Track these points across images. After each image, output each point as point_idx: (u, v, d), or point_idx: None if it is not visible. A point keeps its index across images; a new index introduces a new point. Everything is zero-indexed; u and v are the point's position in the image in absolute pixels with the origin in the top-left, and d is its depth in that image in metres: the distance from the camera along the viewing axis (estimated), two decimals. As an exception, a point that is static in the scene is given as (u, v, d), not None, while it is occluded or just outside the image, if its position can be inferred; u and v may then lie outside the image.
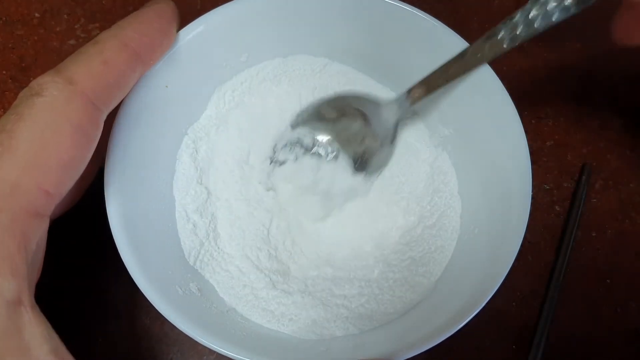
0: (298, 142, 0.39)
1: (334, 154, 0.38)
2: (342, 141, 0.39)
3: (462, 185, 0.39)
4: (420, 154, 0.41)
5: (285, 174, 0.39)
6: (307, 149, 0.39)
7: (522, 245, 0.31)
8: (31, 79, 0.45)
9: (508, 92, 0.34)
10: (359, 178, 0.38)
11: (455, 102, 0.38)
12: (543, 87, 0.46)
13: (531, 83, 0.46)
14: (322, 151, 0.39)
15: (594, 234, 0.42)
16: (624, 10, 0.29)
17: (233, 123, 0.40)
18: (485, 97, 0.35)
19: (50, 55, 0.45)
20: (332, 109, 0.38)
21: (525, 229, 0.32)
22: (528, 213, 0.32)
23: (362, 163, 0.38)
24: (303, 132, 0.39)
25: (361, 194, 0.39)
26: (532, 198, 0.32)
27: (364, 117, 0.38)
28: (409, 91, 0.36)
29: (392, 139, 0.38)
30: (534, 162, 0.33)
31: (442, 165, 0.40)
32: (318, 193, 0.39)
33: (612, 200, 0.43)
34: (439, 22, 0.35)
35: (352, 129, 0.38)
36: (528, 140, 0.33)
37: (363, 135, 0.38)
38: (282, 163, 0.39)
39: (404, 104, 0.36)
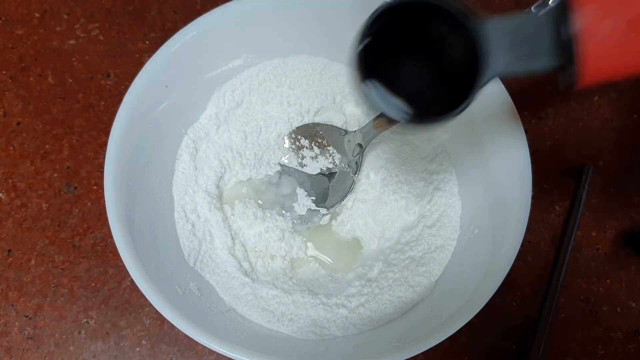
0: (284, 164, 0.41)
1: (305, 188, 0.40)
2: (313, 178, 0.41)
3: (462, 185, 0.39)
4: (419, 153, 0.40)
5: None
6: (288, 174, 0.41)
7: (522, 245, 0.31)
8: (31, 79, 0.45)
9: (508, 92, 0.34)
10: (319, 209, 0.40)
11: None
12: (543, 87, 0.46)
13: (531, 83, 0.46)
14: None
15: (594, 234, 0.42)
16: None
17: (233, 124, 0.40)
18: (485, 97, 0.35)
19: (50, 55, 0.45)
20: (304, 137, 0.41)
21: (525, 229, 0.32)
22: (528, 213, 0.32)
23: (322, 198, 0.40)
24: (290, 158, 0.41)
25: (323, 221, 0.40)
26: (532, 198, 0.32)
27: (332, 147, 0.41)
28: (374, 121, 0.37)
29: (357, 169, 0.39)
30: (534, 162, 0.33)
31: (442, 164, 0.40)
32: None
33: (612, 200, 0.43)
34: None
35: (326, 165, 0.41)
36: (528, 140, 0.33)
37: (332, 171, 0.41)
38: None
39: (369, 133, 0.37)
